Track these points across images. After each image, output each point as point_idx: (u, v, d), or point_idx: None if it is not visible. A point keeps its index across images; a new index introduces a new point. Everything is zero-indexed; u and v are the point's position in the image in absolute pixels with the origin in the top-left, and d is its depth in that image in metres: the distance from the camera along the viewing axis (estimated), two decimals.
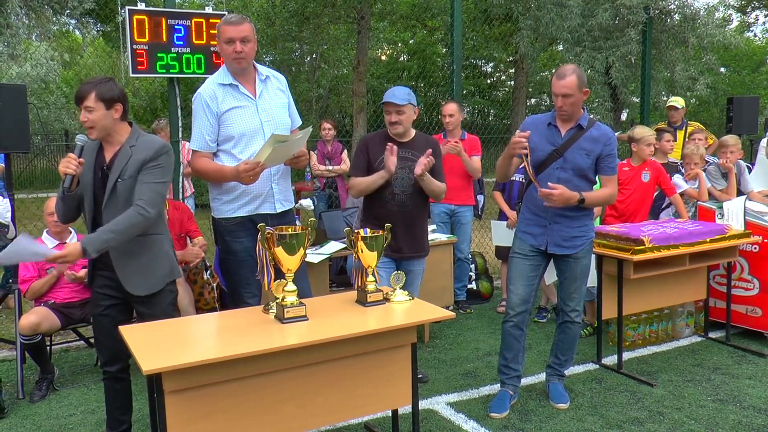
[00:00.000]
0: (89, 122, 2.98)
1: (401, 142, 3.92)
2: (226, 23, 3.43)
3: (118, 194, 3.01)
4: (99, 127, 3.00)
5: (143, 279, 3.11)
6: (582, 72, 3.62)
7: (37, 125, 12.97)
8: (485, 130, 12.83)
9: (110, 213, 3.00)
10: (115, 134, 3.06)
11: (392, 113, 3.85)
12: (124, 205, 3.00)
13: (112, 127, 3.03)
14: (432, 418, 3.75)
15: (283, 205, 3.64)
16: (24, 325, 4.01)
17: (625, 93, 9.88)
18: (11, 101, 4.29)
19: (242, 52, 3.42)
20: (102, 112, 2.97)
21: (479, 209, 6.04)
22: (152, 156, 3.04)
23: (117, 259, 3.05)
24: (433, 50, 20.44)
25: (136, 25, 5.15)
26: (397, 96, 3.83)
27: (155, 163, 3.05)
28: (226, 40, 3.42)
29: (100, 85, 2.97)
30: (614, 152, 3.72)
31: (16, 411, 3.92)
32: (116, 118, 3.03)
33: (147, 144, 3.07)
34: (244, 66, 3.49)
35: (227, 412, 2.59)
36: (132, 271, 3.09)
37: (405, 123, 3.87)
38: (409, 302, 3.15)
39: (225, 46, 3.43)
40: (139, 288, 3.10)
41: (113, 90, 2.99)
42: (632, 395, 4.05)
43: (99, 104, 2.96)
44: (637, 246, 4.19)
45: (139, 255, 3.09)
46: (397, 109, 3.83)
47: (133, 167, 3.01)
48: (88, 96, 2.95)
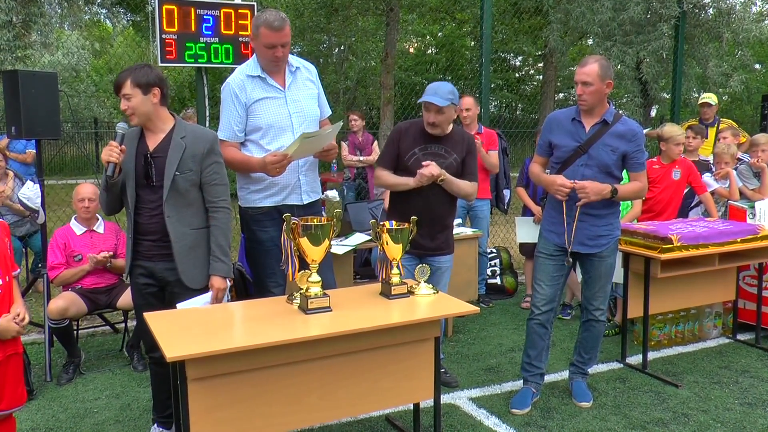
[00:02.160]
0: (129, 109, 3.01)
1: (436, 136, 3.80)
2: (268, 27, 3.32)
3: (178, 187, 3.05)
4: (139, 113, 3.02)
5: (201, 272, 3.15)
6: (608, 63, 3.54)
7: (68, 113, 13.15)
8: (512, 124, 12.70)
9: (171, 206, 3.06)
10: (156, 120, 3.08)
11: (432, 113, 3.67)
12: (183, 197, 3.07)
13: (153, 112, 3.05)
14: (453, 413, 3.74)
15: (309, 196, 3.63)
16: (52, 310, 4.08)
17: (655, 89, 9.74)
18: (43, 89, 4.34)
19: (282, 55, 3.41)
20: (140, 98, 2.99)
21: (505, 204, 5.99)
22: (209, 149, 3.10)
23: (179, 254, 3.09)
24: (462, 43, 20.32)
25: (166, 14, 5.19)
26: (439, 95, 3.61)
27: (214, 158, 3.13)
28: (266, 45, 3.36)
29: (136, 71, 2.99)
30: (641, 147, 3.63)
31: (44, 393, 3.99)
32: (155, 103, 3.04)
33: (198, 136, 3.11)
34: (281, 66, 3.49)
35: (249, 401, 2.60)
36: (191, 264, 3.12)
37: (444, 125, 3.70)
38: (434, 296, 3.14)
39: (264, 49, 3.38)
40: (196, 281, 3.14)
41: (149, 75, 3.00)
42: (657, 396, 3.99)
43: (136, 90, 2.98)
44: (665, 244, 4.12)
45: (199, 246, 3.15)
46: (437, 109, 3.64)
47: (192, 161, 3.06)
48: (124, 83, 2.98)
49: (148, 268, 3.15)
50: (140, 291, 3.21)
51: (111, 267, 4.40)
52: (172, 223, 3.06)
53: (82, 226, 4.42)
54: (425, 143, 3.76)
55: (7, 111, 4.46)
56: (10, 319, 2.74)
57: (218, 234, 3.14)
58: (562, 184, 3.56)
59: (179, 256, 3.09)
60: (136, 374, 4.28)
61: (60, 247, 4.36)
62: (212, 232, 3.15)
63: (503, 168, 5.86)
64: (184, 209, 3.09)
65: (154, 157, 3.06)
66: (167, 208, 3.05)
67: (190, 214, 3.11)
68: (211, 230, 3.16)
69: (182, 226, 3.09)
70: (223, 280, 3.13)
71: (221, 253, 3.13)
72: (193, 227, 3.13)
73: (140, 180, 3.09)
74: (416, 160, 3.74)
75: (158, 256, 3.12)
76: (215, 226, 3.15)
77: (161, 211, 3.06)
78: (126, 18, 15.85)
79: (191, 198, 3.11)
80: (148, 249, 3.14)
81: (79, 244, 4.39)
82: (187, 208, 3.10)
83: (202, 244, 3.15)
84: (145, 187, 3.09)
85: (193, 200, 3.12)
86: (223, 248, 3.14)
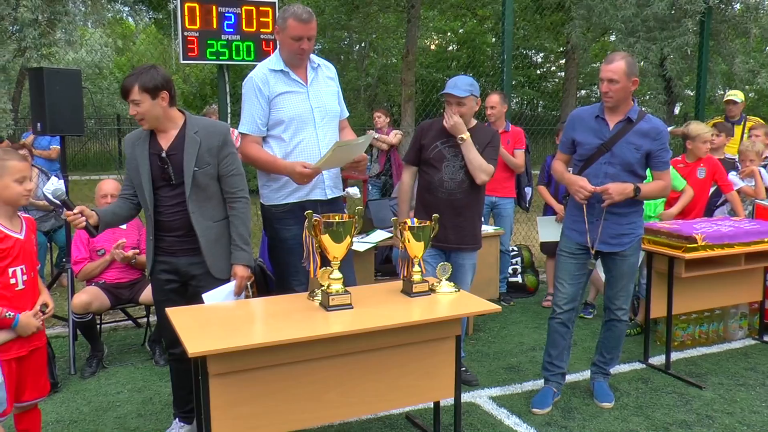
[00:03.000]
0: (138, 115, 2.99)
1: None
2: (296, 19, 3.35)
3: (199, 183, 3.07)
4: (149, 117, 3.01)
5: (226, 262, 3.18)
6: (633, 60, 3.50)
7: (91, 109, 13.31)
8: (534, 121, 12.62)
9: (194, 203, 3.08)
10: (167, 121, 3.08)
11: (453, 105, 3.74)
12: (205, 191, 3.09)
13: (163, 114, 3.04)
14: (474, 412, 3.72)
15: (333, 191, 3.63)
16: (76, 304, 4.13)
17: (679, 86, 9.60)
18: (67, 86, 4.39)
19: (307, 48, 3.42)
20: (149, 102, 2.97)
21: (527, 201, 5.95)
22: (223, 141, 3.11)
23: (206, 247, 3.12)
24: (483, 40, 20.22)
25: (188, 12, 5.23)
26: (459, 87, 3.71)
27: (229, 149, 3.14)
28: (294, 37, 3.36)
29: (142, 75, 2.95)
30: (666, 146, 3.58)
31: (68, 386, 4.04)
32: (164, 106, 3.03)
33: (211, 129, 3.12)
34: (305, 62, 3.50)
35: (270, 396, 2.61)
36: (218, 256, 3.15)
37: (466, 115, 3.76)
38: (455, 294, 3.12)
39: (290, 41, 3.38)
40: (224, 271, 3.17)
41: (155, 78, 2.97)
42: (680, 397, 3.94)
43: (144, 95, 2.95)
44: (689, 244, 4.06)
45: (222, 237, 3.18)
46: (458, 101, 3.72)
47: (208, 155, 3.07)
48: (132, 89, 2.95)
49: (172, 263, 3.17)
50: (161, 287, 3.23)
51: (136, 263, 4.44)
52: (196, 219, 3.08)
53: None
54: (448, 136, 3.81)
55: (33, 107, 4.52)
56: (31, 315, 2.78)
57: (238, 224, 3.17)
58: (583, 186, 3.52)
59: (206, 249, 3.11)
60: (158, 369, 4.31)
61: (84, 243, 4.41)
62: (232, 222, 3.18)
63: (525, 165, 5.82)
64: (205, 203, 3.11)
65: (170, 155, 3.06)
66: (191, 204, 3.07)
67: (211, 207, 3.14)
68: (231, 220, 3.19)
69: (205, 220, 3.11)
70: (246, 269, 3.16)
71: (242, 242, 3.16)
72: (216, 220, 3.16)
73: (157, 181, 3.09)
74: (438, 152, 3.81)
75: (182, 251, 3.14)
76: (235, 216, 3.18)
77: (184, 207, 3.08)
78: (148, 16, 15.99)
79: (211, 191, 3.13)
80: (171, 245, 3.15)
81: (101, 239, 4.42)
82: (208, 202, 3.12)
83: (225, 235, 3.19)
84: (163, 186, 3.10)
85: (212, 193, 3.14)
86: (243, 237, 3.17)
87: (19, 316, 2.72)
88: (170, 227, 3.13)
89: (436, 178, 3.80)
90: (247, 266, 3.17)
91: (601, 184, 3.53)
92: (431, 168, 3.83)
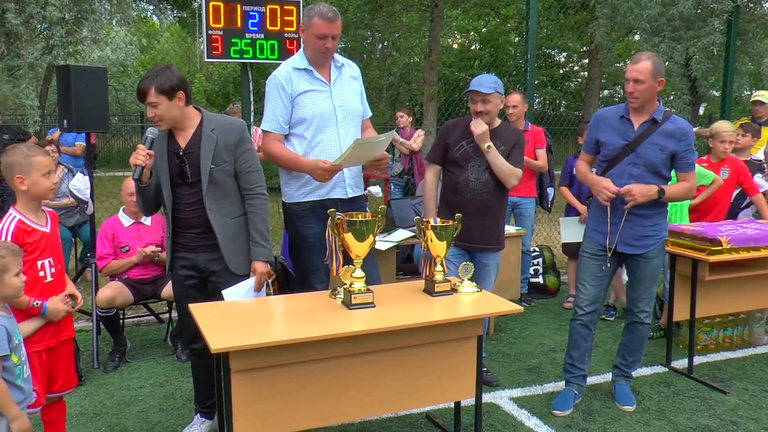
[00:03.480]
0: (156, 117, 3.01)
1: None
2: (321, 18, 3.36)
3: (216, 180, 3.08)
4: (166, 119, 3.03)
5: (245, 258, 3.20)
6: (659, 60, 3.46)
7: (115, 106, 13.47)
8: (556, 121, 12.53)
9: (211, 200, 3.09)
10: (185, 120, 3.09)
11: (478, 102, 3.72)
12: (222, 189, 3.11)
13: (180, 114, 3.06)
14: (494, 413, 3.71)
15: (353, 190, 3.63)
16: (101, 299, 4.18)
17: (704, 86, 9.47)
18: (93, 83, 4.44)
19: (331, 48, 3.43)
20: (166, 104, 2.98)
21: (548, 202, 5.91)
22: (239, 138, 3.13)
23: (224, 244, 3.14)
24: (506, 39, 20.11)
25: (212, 11, 5.27)
26: (483, 84, 3.71)
27: (246, 145, 3.16)
28: (318, 35, 3.38)
29: (158, 77, 2.96)
30: (691, 147, 3.54)
31: (91, 380, 4.10)
32: (181, 106, 3.04)
33: (227, 126, 3.13)
34: (329, 61, 3.52)
35: (291, 394, 2.62)
36: (237, 251, 3.18)
37: (491, 114, 3.76)
38: (477, 294, 3.11)
39: (315, 39, 3.40)
40: (242, 267, 3.19)
41: (171, 79, 2.97)
42: (703, 402, 3.89)
43: (161, 97, 2.96)
44: (713, 246, 4.01)
45: (241, 235, 3.20)
46: (483, 98, 3.71)
47: (225, 152, 3.09)
48: (148, 92, 2.95)
49: (191, 259, 3.19)
50: (181, 283, 3.25)
51: (158, 261, 4.48)
52: (213, 216, 3.10)
53: (129, 218, 4.51)
54: (473, 136, 3.79)
55: (60, 104, 4.58)
56: (58, 300, 2.82)
57: (257, 220, 3.18)
58: (606, 187, 3.50)
59: (224, 245, 3.13)
60: (179, 364, 4.36)
61: (108, 238, 4.46)
62: (251, 219, 3.19)
63: (547, 166, 5.78)
64: (222, 200, 3.13)
65: (187, 154, 3.08)
66: (208, 201, 3.09)
67: (228, 204, 3.15)
68: (249, 216, 3.20)
69: (223, 217, 3.13)
70: (265, 265, 3.17)
71: (261, 238, 3.17)
72: (233, 216, 3.17)
73: (175, 179, 3.12)
74: (464, 152, 3.80)
75: (201, 247, 3.17)
76: (253, 213, 3.19)
77: (201, 204, 3.10)
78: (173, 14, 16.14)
79: (228, 188, 3.14)
80: (190, 241, 3.18)
81: (126, 235, 4.48)
82: (225, 198, 3.14)
83: (243, 231, 3.20)
84: (181, 184, 3.12)
85: (230, 190, 3.16)
86: (262, 233, 3.18)
87: (47, 303, 2.76)
88: (189, 224, 3.15)
89: (461, 178, 3.80)
90: (267, 262, 3.18)
91: (624, 185, 3.50)
92: (457, 167, 3.82)
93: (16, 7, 6.45)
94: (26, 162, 2.76)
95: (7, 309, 2.54)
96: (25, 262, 2.67)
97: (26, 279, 2.60)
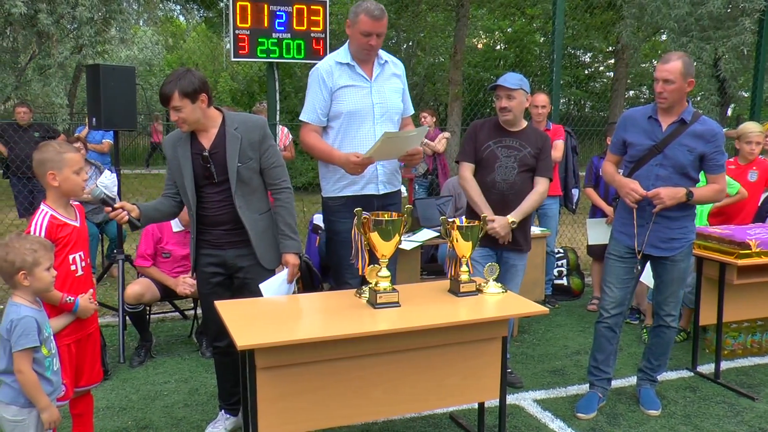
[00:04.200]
0: (180, 120, 3.02)
1: (511, 131, 3.83)
2: (367, 15, 3.39)
3: (243, 178, 3.11)
4: (190, 121, 3.04)
5: (275, 252, 3.24)
6: (690, 60, 3.41)
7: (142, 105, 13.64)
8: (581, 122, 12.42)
9: (241, 198, 3.12)
10: (207, 121, 3.11)
11: (502, 98, 3.74)
12: (250, 186, 3.14)
13: (203, 116, 3.07)
14: (518, 414, 3.69)
15: (386, 187, 3.65)
16: (129, 295, 4.23)
17: (733, 87, 9.32)
18: (122, 82, 4.51)
19: (376, 45, 3.46)
20: (189, 107, 2.99)
21: (573, 203, 5.87)
22: (262, 135, 3.16)
23: (255, 239, 3.17)
24: (531, 39, 19.99)
25: (239, 11, 5.31)
26: (508, 80, 3.72)
27: (269, 141, 3.19)
28: (363, 32, 3.41)
29: (181, 81, 2.96)
30: (721, 148, 3.48)
31: (117, 374, 4.15)
32: (204, 108, 3.06)
33: (250, 124, 3.15)
34: (372, 57, 3.55)
35: (316, 392, 2.64)
36: (267, 246, 3.22)
37: (515, 110, 3.75)
38: (502, 295, 3.10)
39: (360, 35, 3.43)
40: (273, 262, 3.24)
41: (194, 82, 2.98)
42: (730, 408, 3.84)
43: (185, 101, 2.97)
44: (742, 250, 3.94)
45: (269, 229, 3.24)
46: (507, 93, 3.72)
47: (250, 150, 3.12)
48: (172, 96, 2.96)
49: (219, 256, 3.22)
50: (206, 280, 3.28)
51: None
52: (243, 212, 3.13)
53: (180, 224, 4.41)
54: (500, 137, 3.82)
55: (89, 103, 4.65)
56: (87, 299, 2.86)
57: (285, 213, 3.22)
58: (634, 189, 3.46)
59: (255, 241, 3.17)
60: (204, 360, 4.40)
61: (153, 240, 4.41)
62: (278, 212, 3.22)
63: (572, 167, 5.74)
64: (250, 196, 3.16)
65: (213, 154, 3.10)
66: (237, 199, 3.12)
67: (256, 200, 3.19)
68: (277, 210, 3.23)
69: (252, 213, 3.16)
70: (296, 257, 3.21)
71: (290, 231, 3.21)
72: (261, 212, 3.22)
73: (200, 179, 3.14)
74: (491, 152, 3.80)
75: (229, 244, 3.19)
76: (281, 206, 3.22)
77: (229, 202, 3.12)
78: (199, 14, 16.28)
79: (254, 185, 3.18)
80: (217, 238, 3.20)
81: (172, 240, 4.44)
82: (253, 195, 3.18)
83: (271, 226, 3.24)
84: (206, 184, 3.15)
85: (256, 186, 3.19)
86: (291, 226, 3.22)
87: (79, 300, 2.81)
88: (216, 222, 3.18)
89: (488, 179, 3.79)
90: (297, 254, 3.21)
91: (652, 186, 3.47)
92: (483, 169, 3.82)
93: (47, 7, 6.56)
94: (58, 159, 2.80)
95: (39, 303, 2.59)
96: (57, 257, 2.72)
97: (58, 273, 2.65)
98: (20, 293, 2.52)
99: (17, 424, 2.50)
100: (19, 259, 2.46)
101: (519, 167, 3.76)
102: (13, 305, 2.50)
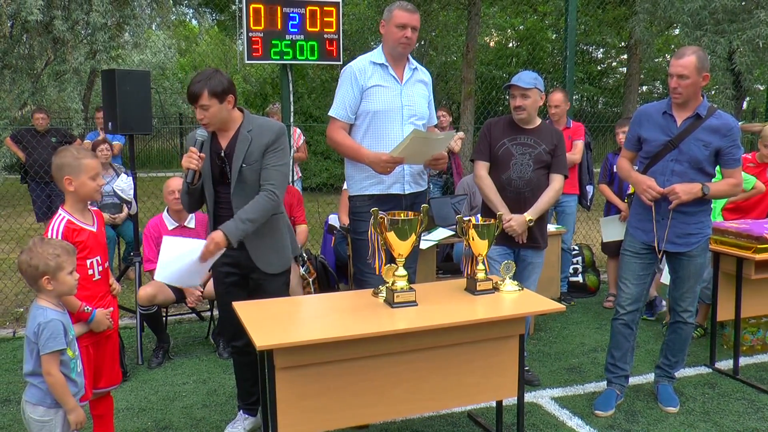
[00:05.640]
0: (206, 119, 3.05)
1: (525, 128, 3.83)
2: (401, 9, 3.49)
3: (245, 179, 3.11)
4: (215, 121, 3.07)
5: (278, 257, 3.24)
6: (705, 55, 3.39)
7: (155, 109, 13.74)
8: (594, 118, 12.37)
9: (239, 198, 3.11)
10: (229, 122, 3.14)
11: (517, 97, 3.75)
12: (252, 189, 3.12)
13: (227, 117, 3.11)
14: (536, 412, 3.69)
15: (411, 186, 3.66)
16: (142, 296, 4.28)
17: (749, 80, 9.23)
18: (137, 86, 4.55)
19: (411, 39, 3.51)
20: (216, 107, 3.03)
21: (588, 200, 5.85)
22: (274, 139, 3.13)
23: (250, 241, 3.16)
24: (543, 36, 19.90)
25: (252, 13, 5.35)
26: (522, 79, 3.73)
27: (276, 145, 3.14)
28: (398, 25, 3.48)
29: (210, 81, 3.00)
30: (737, 142, 3.46)
31: (136, 375, 4.20)
32: (230, 109, 3.09)
33: (265, 127, 3.15)
34: (407, 52, 3.59)
35: (335, 391, 2.65)
36: (265, 251, 3.21)
37: (530, 108, 3.76)
38: (519, 292, 3.10)
39: (395, 29, 3.49)
40: (274, 266, 3.22)
41: (223, 83, 3.02)
42: (750, 404, 3.81)
43: (213, 100, 3.00)
44: (759, 244, 3.92)
45: (270, 234, 3.21)
46: (522, 92, 3.73)
47: (257, 152, 3.10)
48: (201, 95, 2.99)
49: (234, 257, 3.23)
50: (221, 279, 3.30)
51: None
52: None
53: (173, 221, 4.51)
54: (514, 134, 3.82)
55: (105, 107, 4.69)
56: (105, 314, 2.89)
57: (252, 205, 3.05)
58: (651, 186, 3.45)
59: (251, 244, 3.16)
60: (222, 361, 4.43)
61: (154, 242, 4.48)
62: (249, 204, 3.06)
63: (586, 164, 5.72)
64: (250, 199, 3.12)
65: (227, 155, 3.13)
66: (235, 200, 3.11)
67: None
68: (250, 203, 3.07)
69: None
70: (223, 237, 2.99)
71: (242, 215, 3.02)
72: None
73: (216, 178, 3.17)
74: (506, 150, 3.81)
75: (243, 244, 3.19)
76: (255, 200, 3.06)
77: None
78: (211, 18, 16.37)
79: (257, 188, 3.14)
80: None
81: None
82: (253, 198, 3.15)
83: (272, 232, 3.21)
84: (222, 184, 3.17)
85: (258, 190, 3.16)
86: (248, 214, 3.03)
87: (95, 312, 2.84)
88: None
89: (504, 177, 3.79)
90: (227, 238, 3.00)
91: (667, 181, 3.45)
92: (498, 167, 3.82)
93: (62, 14, 6.62)
94: (75, 164, 2.84)
95: (62, 305, 2.62)
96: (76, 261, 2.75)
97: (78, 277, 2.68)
98: (44, 296, 2.56)
99: (44, 424, 2.55)
100: (42, 264, 2.49)
101: (534, 164, 3.76)
102: (39, 308, 2.54)
